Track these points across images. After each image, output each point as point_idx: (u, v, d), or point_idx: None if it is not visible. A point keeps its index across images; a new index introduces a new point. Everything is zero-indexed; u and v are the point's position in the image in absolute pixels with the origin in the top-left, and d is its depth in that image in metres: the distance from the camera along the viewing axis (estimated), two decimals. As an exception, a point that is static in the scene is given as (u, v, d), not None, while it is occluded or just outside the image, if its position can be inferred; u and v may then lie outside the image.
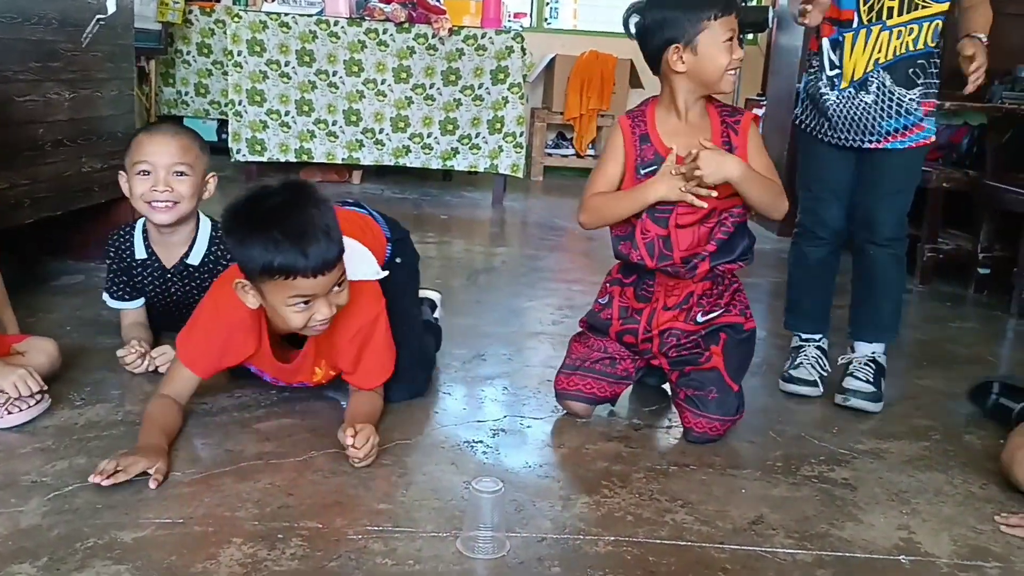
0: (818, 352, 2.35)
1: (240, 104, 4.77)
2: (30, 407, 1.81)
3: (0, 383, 1.77)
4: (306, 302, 1.68)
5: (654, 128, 2.02)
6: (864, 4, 2.14)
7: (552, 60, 6.09)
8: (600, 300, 2.13)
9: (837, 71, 2.20)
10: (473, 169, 4.96)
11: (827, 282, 2.37)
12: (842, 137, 2.23)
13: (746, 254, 2.00)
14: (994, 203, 3.38)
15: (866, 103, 2.18)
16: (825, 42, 2.21)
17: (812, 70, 2.29)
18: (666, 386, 2.19)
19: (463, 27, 4.75)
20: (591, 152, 6.26)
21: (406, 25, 4.71)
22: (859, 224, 2.26)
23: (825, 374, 2.31)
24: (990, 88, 4.02)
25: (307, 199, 1.68)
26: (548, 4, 6.72)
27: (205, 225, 2.25)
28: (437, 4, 4.83)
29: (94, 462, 1.63)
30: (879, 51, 2.15)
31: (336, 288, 1.72)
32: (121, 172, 2.16)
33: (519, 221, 4.83)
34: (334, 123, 4.82)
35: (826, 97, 2.22)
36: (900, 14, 2.13)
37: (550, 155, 6.29)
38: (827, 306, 2.39)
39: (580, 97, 6.05)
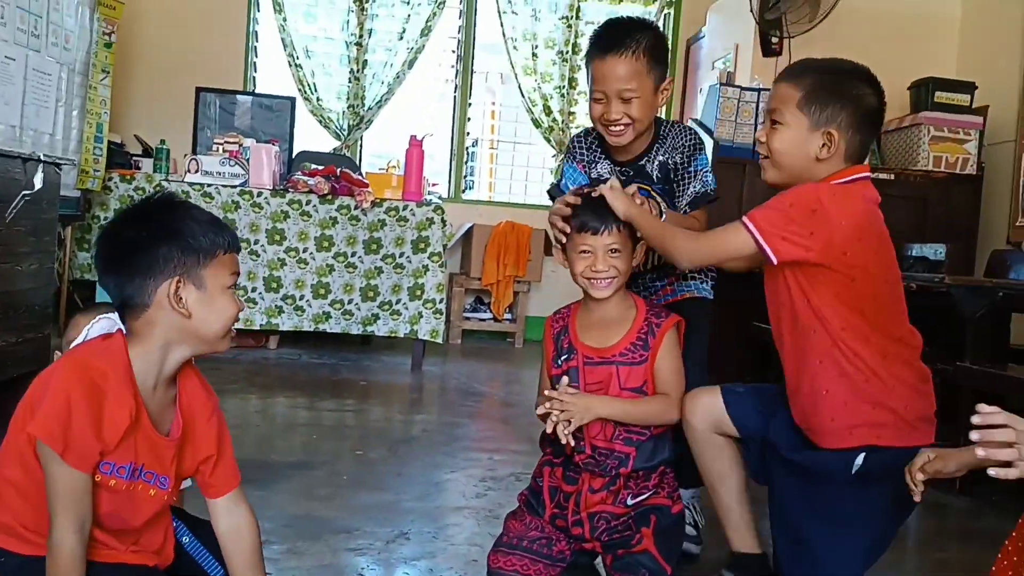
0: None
1: (158, 270, 4.75)
2: None
3: None
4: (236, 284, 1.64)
5: (574, 322, 2.15)
6: None
7: (470, 229, 6.29)
8: (537, 479, 2.17)
9: None
10: (393, 335, 4.99)
11: None
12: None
13: (665, 465, 2.08)
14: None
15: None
16: None
17: None
18: (597, 562, 2.19)
19: (385, 199, 4.90)
20: (508, 316, 6.39)
21: (329, 197, 4.84)
22: None
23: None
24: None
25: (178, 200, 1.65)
26: (465, 176, 6.99)
27: None
28: (360, 178, 4.99)
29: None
30: None
31: None
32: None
33: (438, 386, 4.84)
34: (254, 289, 4.84)
35: None
36: None
37: (468, 319, 6.39)
38: None
39: (497, 264, 6.22)
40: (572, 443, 1.98)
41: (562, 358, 2.14)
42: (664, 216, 2.21)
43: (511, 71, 6.68)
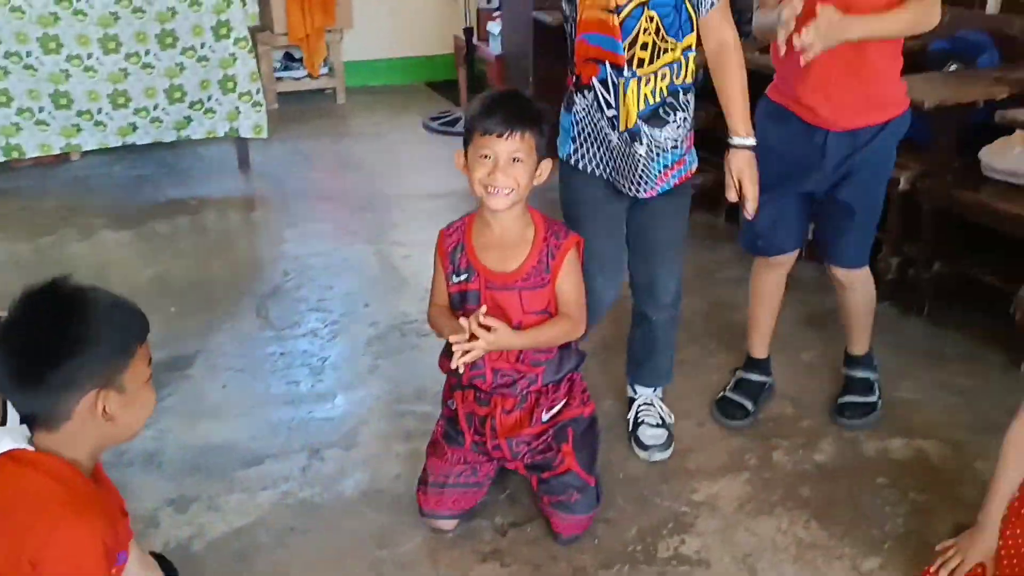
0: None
1: (-85, 104, 4.05)
2: None
3: None
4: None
5: (470, 239, 2.03)
6: (628, 51, 2.02)
7: (265, -22, 5.59)
8: (448, 403, 2.16)
9: (614, 112, 2.07)
10: (212, 135, 4.56)
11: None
12: (621, 183, 2.14)
13: (572, 371, 2.11)
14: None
15: (640, 154, 2.08)
16: (594, 81, 2.07)
17: (581, 106, 2.12)
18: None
19: (169, -17, 4.22)
20: (325, 71, 5.93)
21: (103, -10, 4.12)
22: (641, 291, 2.30)
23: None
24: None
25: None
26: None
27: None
28: (134, -38, 4.24)
29: None
30: (642, 101, 2.05)
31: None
32: None
33: (278, 194, 4.43)
34: (41, 110, 4.21)
35: (608, 136, 2.11)
36: (651, 63, 2.03)
37: (281, 79, 5.89)
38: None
39: (303, 15, 5.64)
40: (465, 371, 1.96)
41: (461, 277, 2.05)
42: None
43: None
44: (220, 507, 2.19)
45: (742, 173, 2.07)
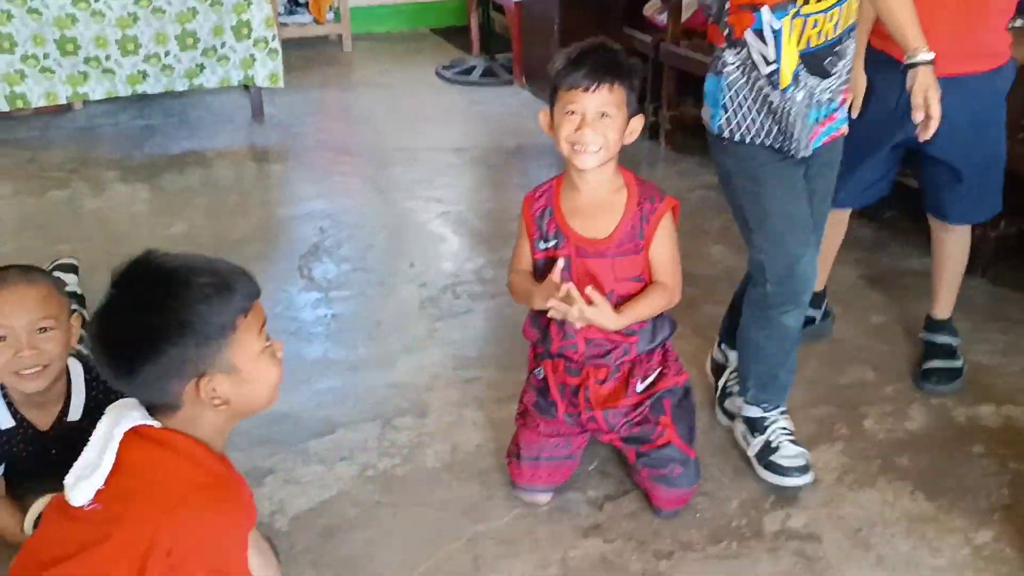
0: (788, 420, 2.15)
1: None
2: None
3: None
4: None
5: (558, 202, 1.93)
6: None
7: (269, -82, 5.33)
8: (535, 373, 2.05)
9: (775, 67, 1.80)
10: (226, 84, 4.37)
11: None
12: (793, 147, 1.89)
13: (666, 340, 2.00)
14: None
15: (796, 100, 1.83)
16: (748, 34, 1.80)
17: (734, 66, 1.85)
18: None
19: (183, -78, 4.00)
20: (331, 17, 5.71)
21: (113, -71, 3.89)
22: None
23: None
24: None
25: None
26: None
27: (77, 370, 1.90)
28: (146, -102, 4.01)
29: None
30: (804, 44, 1.79)
31: None
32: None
33: (299, 146, 4.25)
34: (46, 56, 4.00)
35: (769, 97, 1.84)
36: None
37: (285, 25, 5.66)
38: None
39: (310, -41, 5.41)
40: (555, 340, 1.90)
41: (549, 244, 1.93)
42: None
43: None
44: (298, 480, 2.08)
45: (929, 90, 1.86)
